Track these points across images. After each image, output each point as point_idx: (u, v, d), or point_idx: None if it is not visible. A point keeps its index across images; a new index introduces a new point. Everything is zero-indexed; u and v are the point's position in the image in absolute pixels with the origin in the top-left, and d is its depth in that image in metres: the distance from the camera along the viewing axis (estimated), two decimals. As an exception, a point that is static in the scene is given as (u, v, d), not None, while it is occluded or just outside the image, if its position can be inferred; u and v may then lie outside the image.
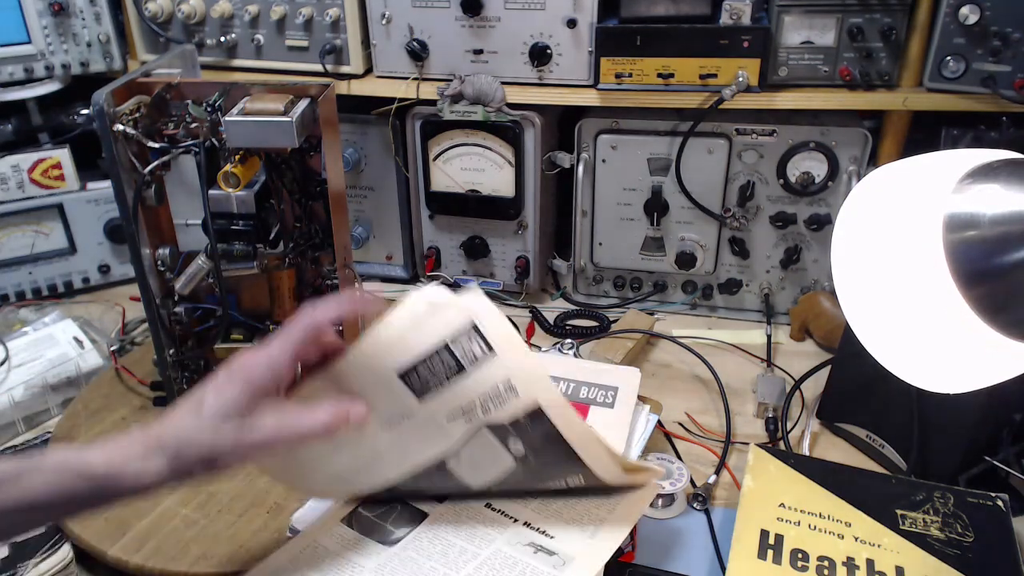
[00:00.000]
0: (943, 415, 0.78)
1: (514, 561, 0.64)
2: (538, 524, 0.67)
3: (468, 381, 0.59)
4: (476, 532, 0.67)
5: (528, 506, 0.68)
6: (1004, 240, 0.45)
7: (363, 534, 0.68)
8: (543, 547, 0.64)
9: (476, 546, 0.66)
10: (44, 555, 0.75)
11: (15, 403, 0.92)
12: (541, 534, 0.66)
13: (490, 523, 0.68)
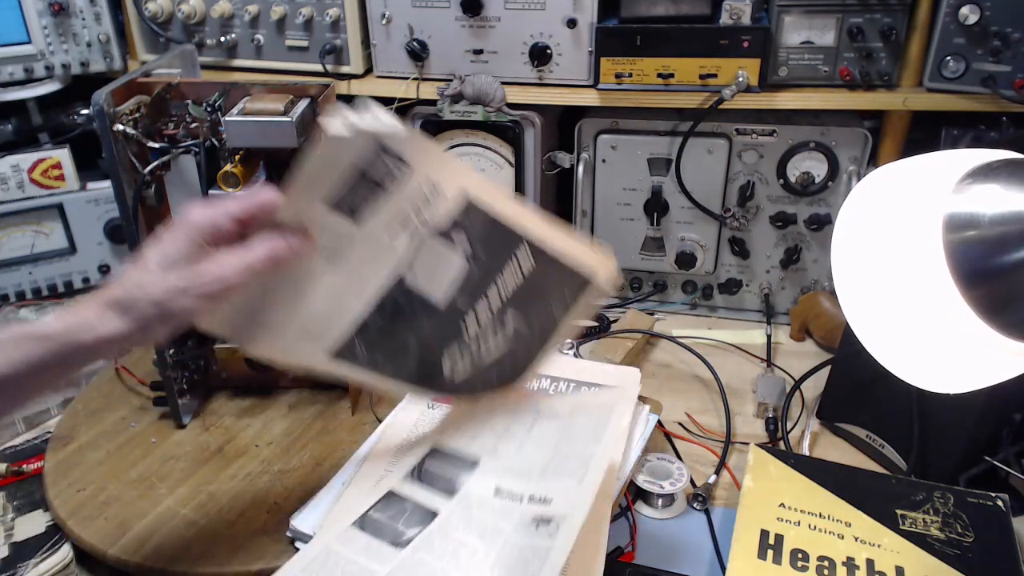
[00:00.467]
0: (943, 415, 0.78)
1: (520, 549, 0.63)
2: (539, 492, 0.66)
3: (394, 197, 0.60)
4: (487, 527, 0.66)
5: (531, 478, 0.67)
6: (1004, 240, 0.45)
7: (374, 536, 0.68)
8: (543, 518, 0.64)
9: (488, 543, 0.65)
10: (44, 555, 0.75)
11: (15, 403, 0.92)
12: (543, 504, 0.65)
13: (499, 513, 0.66)
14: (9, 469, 0.85)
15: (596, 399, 0.72)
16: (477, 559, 0.64)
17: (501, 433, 0.72)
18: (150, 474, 0.82)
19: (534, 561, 0.63)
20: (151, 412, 0.91)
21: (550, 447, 0.69)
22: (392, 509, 0.70)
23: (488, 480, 0.69)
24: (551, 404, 0.74)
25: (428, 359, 0.69)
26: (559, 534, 0.62)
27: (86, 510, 0.77)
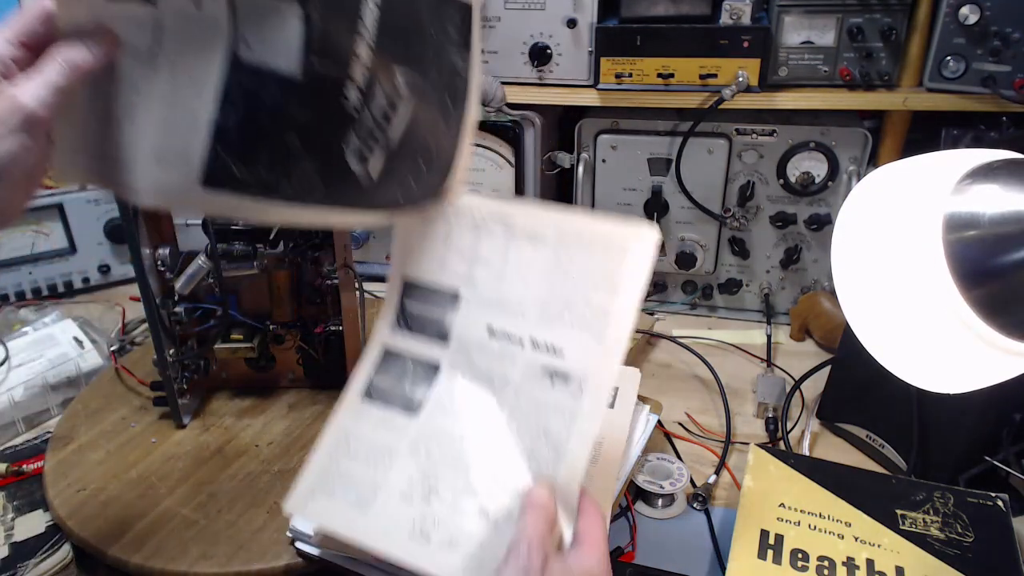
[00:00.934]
0: (943, 415, 0.78)
1: (536, 403, 0.61)
2: (544, 338, 0.61)
3: None
4: (493, 374, 0.63)
5: (528, 318, 0.63)
6: (1004, 240, 0.45)
7: (386, 405, 0.65)
8: (557, 371, 0.61)
9: (498, 393, 0.62)
10: (44, 555, 0.75)
11: (15, 403, 0.92)
12: (551, 353, 0.61)
13: (501, 358, 0.63)
14: (9, 469, 0.85)
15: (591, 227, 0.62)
16: (491, 413, 0.62)
17: (469, 256, 0.65)
18: (150, 474, 0.82)
19: (556, 421, 0.60)
20: (151, 412, 0.91)
21: (541, 282, 0.63)
22: (394, 370, 0.66)
23: (477, 318, 0.64)
24: (524, 220, 0.64)
25: (327, 160, 0.57)
26: (584, 397, 0.59)
27: (86, 510, 0.77)
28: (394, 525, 0.60)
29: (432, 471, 0.62)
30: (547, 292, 0.63)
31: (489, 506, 0.60)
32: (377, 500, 0.61)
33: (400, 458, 0.62)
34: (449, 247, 0.65)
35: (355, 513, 0.61)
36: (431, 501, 0.61)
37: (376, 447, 0.63)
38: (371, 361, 0.67)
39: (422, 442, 0.63)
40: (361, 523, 0.61)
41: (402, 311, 0.67)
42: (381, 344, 0.67)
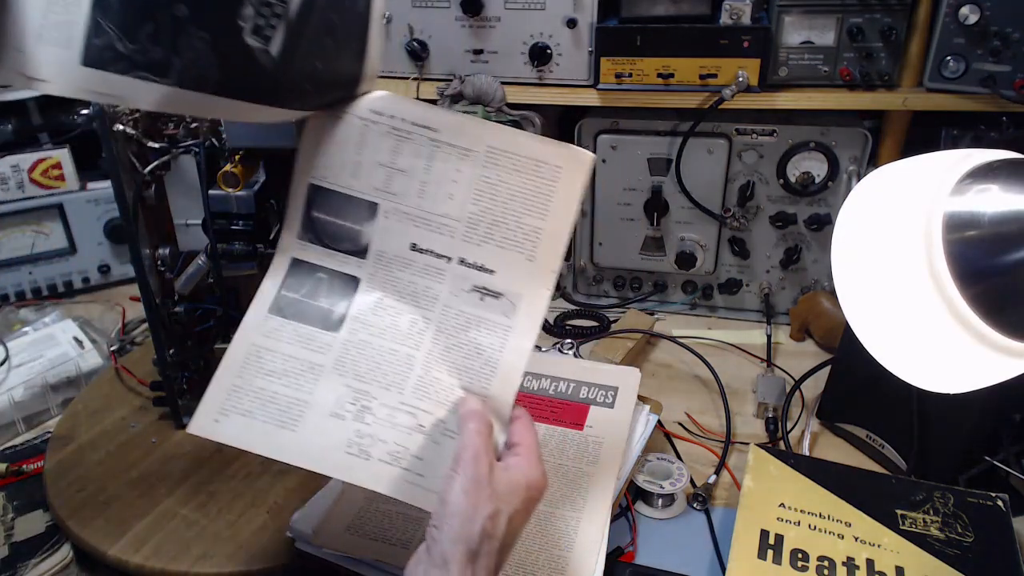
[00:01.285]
0: (943, 415, 0.78)
1: (467, 319, 0.61)
2: (474, 258, 0.61)
3: None
4: (417, 289, 0.62)
5: (455, 235, 0.62)
6: (1004, 240, 0.45)
7: (300, 321, 0.63)
8: (488, 290, 0.61)
9: (424, 309, 0.61)
10: (44, 555, 0.75)
11: (15, 403, 0.93)
12: (481, 271, 0.61)
13: (426, 273, 0.62)
14: (9, 469, 0.85)
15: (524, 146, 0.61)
16: (418, 327, 0.61)
17: (388, 165, 0.62)
18: (150, 474, 0.82)
19: (488, 337, 0.61)
20: (151, 412, 0.91)
21: (468, 199, 0.61)
22: (305, 283, 0.64)
23: (398, 232, 0.62)
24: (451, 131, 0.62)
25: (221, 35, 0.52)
26: (517, 315, 0.60)
27: (86, 510, 0.77)
28: (329, 443, 0.60)
29: (362, 388, 0.61)
30: (475, 210, 0.62)
31: (425, 421, 0.60)
32: (306, 419, 0.60)
33: (325, 376, 0.61)
34: (364, 153, 0.62)
35: (281, 432, 0.60)
36: (364, 418, 0.60)
37: (297, 365, 0.62)
38: (277, 274, 0.64)
39: (348, 359, 0.61)
40: (291, 442, 0.60)
41: (309, 220, 0.64)
42: (288, 256, 0.64)
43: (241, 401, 0.61)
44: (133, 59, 0.50)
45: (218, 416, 0.61)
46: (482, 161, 0.61)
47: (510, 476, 0.55)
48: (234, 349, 0.63)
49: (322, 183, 0.63)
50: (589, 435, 0.80)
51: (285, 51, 0.54)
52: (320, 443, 0.60)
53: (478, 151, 0.61)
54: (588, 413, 0.82)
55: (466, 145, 0.62)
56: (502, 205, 0.61)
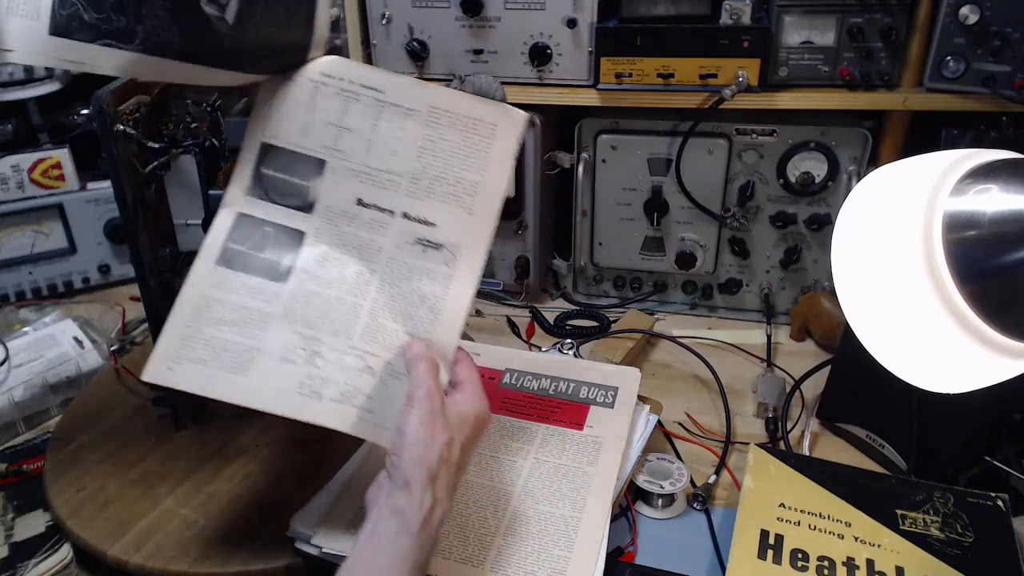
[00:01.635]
0: (943, 415, 0.78)
1: (410, 269, 0.66)
2: (416, 212, 0.66)
3: None
4: (362, 242, 0.66)
5: (398, 190, 0.66)
6: (1003, 240, 0.45)
7: (248, 272, 0.66)
8: (430, 241, 0.66)
9: (369, 261, 0.66)
10: (44, 555, 0.75)
11: (15, 403, 0.93)
12: (423, 224, 0.66)
13: (371, 227, 0.67)
14: (9, 469, 0.85)
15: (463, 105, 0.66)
16: (364, 277, 0.66)
17: (336, 124, 0.66)
18: (150, 474, 0.82)
19: (431, 285, 0.66)
20: (151, 412, 0.91)
21: (411, 155, 0.66)
22: (252, 236, 0.67)
23: (345, 188, 0.67)
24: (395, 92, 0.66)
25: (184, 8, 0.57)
26: (458, 264, 0.66)
27: (86, 510, 0.77)
28: (281, 386, 0.63)
29: (311, 335, 0.64)
30: (418, 166, 0.66)
31: (373, 363, 0.65)
32: (256, 364, 0.63)
33: (274, 324, 0.64)
34: (314, 113, 0.66)
35: (233, 377, 0.63)
36: (315, 363, 0.64)
37: (246, 314, 0.64)
38: (223, 228, 0.67)
39: (297, 309, 0.65)
40: (244, 386, 0.63)
41: (259, 177, 0.67)
42: (234, 211, 0.67)
43: (194, 350, 0.64)
44: (99, 28, 0.54)
45: (171, 364, 0.64)
46: (424, 120, 0.66)
47: (460, 409, 0.61)
48: (183, 299, 0.65)
49: (273, 141, 0.67)
50: (589, 435, 0.80)
51: (239, 18, 0.59)
52: (273, 386, 0.63)
53: (420, 111, 0.66)
54: (588, 413, 0.82)
55: (409, 105, 0.66)
56: (443, 161, 0.66)
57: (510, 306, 1.20)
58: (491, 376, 0.89)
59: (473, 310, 1.18)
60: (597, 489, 0.73)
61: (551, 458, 0.77)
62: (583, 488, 0.74)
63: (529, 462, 0.77)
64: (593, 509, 0.71)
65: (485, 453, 0.78)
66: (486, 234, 0.66)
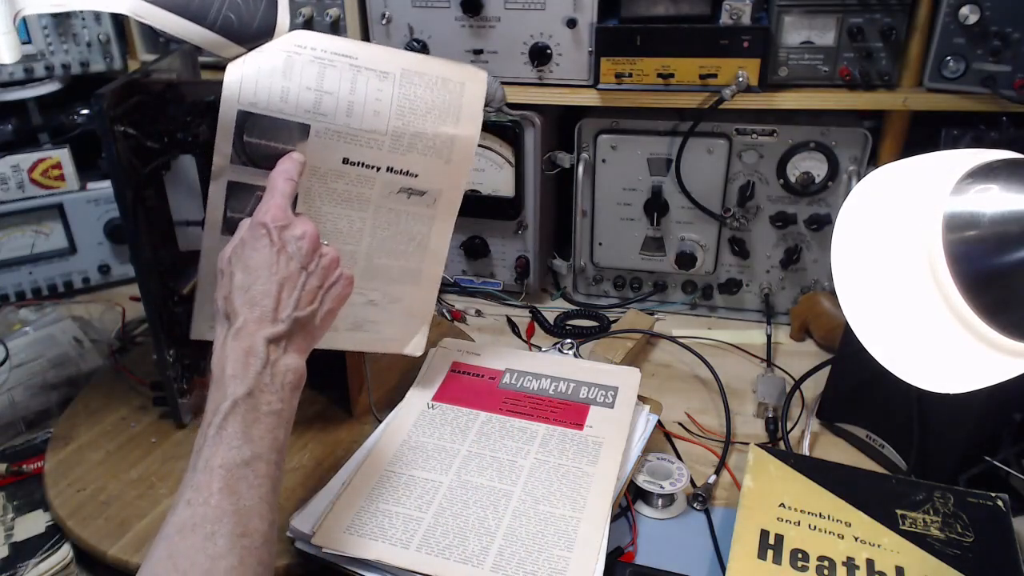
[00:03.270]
0: (943, 415, 0.78)
1: (397, 213, 0.76)
2: (400, 165, 0.73)
3: None
4: (351, 195, 0.73)
5: (382, 147, 0.72)
6: (1004, 240, 0.45)
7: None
8: (413, 189, 0.75)
9: (360, 211, 0.74)
10: (44, 555, 0.75)
11: (15, 403, 0.92)
12: (406, 176, 0.74)
13: (358, 181, 0.73)
14: (9, 469, 0.85)
15: (431, 67, 0.73)
16: (356, 226, 0.75)
17: (315, 89, 0.70)
18: (150, 474, 0.82)
19: (417, 225, 0.77)
20: (151, 412, 0.91)
21: (391, 114, 0.71)
22: (247, 202, 0.72)
23: (332, 149, 0.71)
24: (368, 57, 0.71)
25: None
26: (438, 205, 0.77)
27: (86, 510, 0.77)
28: None
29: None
30: (398, 124, 0.72)
31: (375, 296, 0.78)
32: None
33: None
34: (291, 80, 0.69)
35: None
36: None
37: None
38: (219, 199, 0.72)
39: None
40: None
41: (241, 145, 0.70)
42: (224, 180, 0.72)
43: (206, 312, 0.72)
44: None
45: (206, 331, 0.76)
46: (399, 81, 0.71)
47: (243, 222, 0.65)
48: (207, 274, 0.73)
49: (252, 109, 0.69)
50: (589, 435, 0.80)
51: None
52: None
53: (394, 73, 0.72)
54: (588, 413, 0.82)
55: (384, 68, 0.71)
56: (421, 118, 0.72)
57: (510, 306, 1.20)
58: (491, 376, 0.89)
59: (473, 309, 1.18)
60: (597, 489, 0.73)
61: (551, 458, 0.77)
62: (583, 488, 0.74)
63: (529, 462, 0.77)
64: (593, 509, 0.71)
65: (485, 453, 0.78)
66: (463, 178, 0.76)
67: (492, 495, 0.73)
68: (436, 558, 0.67)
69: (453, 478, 0.75)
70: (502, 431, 0.81)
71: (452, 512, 0.72)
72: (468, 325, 1.16)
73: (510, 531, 0.70)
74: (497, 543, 0.69)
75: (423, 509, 0.72)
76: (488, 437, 0.80)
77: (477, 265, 1.20)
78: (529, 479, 0.75)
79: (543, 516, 0.71)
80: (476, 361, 0.91)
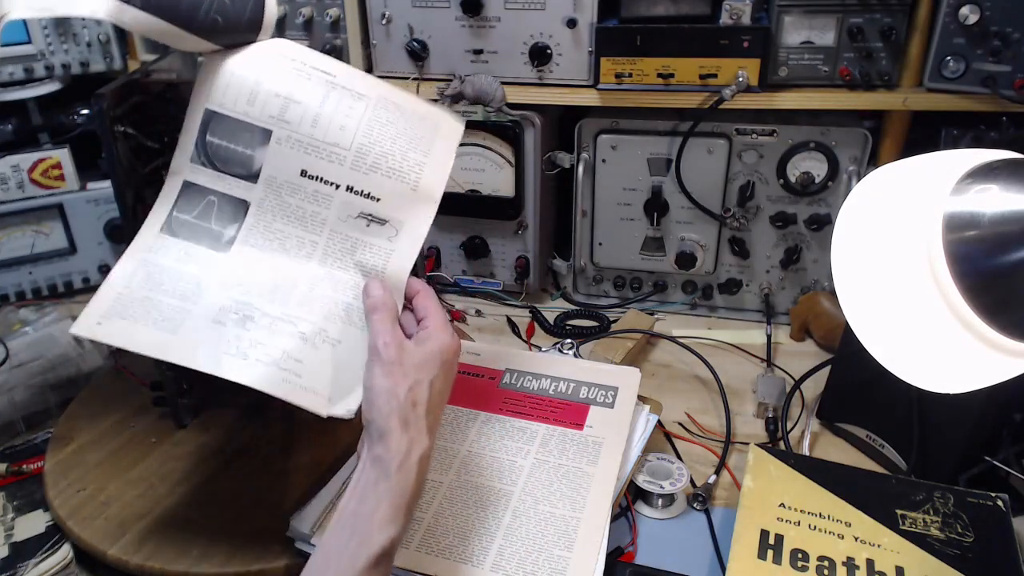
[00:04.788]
0: (943, 415, 0.78)
1: (353, 243, 0.68)
2: (360, 186, 0.67)
3: None
4: (305, 214, 0.68)
5: (344, 163, 0.67)
6: (1004, 240, 0.45)
7: (191, 240, 0.68)
8: (374, 216, 0.68)
9: (312, 232, 0.68)
10: (44, 555, 0.75)
11: (15, 403, 0.92)
12: (367, 199, 0.67)
13: (314, 199, 0.68)
14: (9, 469, 0.85)
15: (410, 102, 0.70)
16: (305, 249, 0.68)
17: (284, 96, 0.67)
18: (150, 474, 0.82)
19: (373, 258, 0.68)
20: (151, 412, 0.91)
21: (358, 131, 0.67)
22: (196, 205, 0.68)
23: (289, 158, 0.67)
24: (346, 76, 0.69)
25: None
26: (400, 239, 0.68)
27: (86, 510, 0.77)
28: (208, 344, 0.63)
29: (247, 301, 0.66)
30: (365, 141, 0.67)
31: (306, 329, 0.66)
32: (187, 324, 0.64)
33: (211, 290, 0.66)
34: (262, 85, 0.67)
35: (160, 335, 0.64)
36: (246, 326, 0.65)
37: (182, 279, 0.66)
38: (170, 196, 0.69)
39: (234, 275, 0.66)
40: (169, 343, 0.63)
41: (203, 144, 0.68)
42: (180, 178, 0.69)
43: (126, 308, 0.64)
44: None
45: (101, 319, 0.64)
46: (373, 104, 0.68)
47: (424, 349, 0.62)
48: (123, 264, 0.67)
49: (219, 109, 0.68)
50: (589, 435, 0.80)
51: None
52: (199, 343, 0.64)
53: (370, 96, 0.69)
54: (588, 413, 0.82)
55: (360, 91, 0.69)
56: (390, 141, 0.68)
57: (510, 306, 1.20)
58: (491, 376, 0.89)
59: (473, 309, 1.18)
60: (597, 489, 0.73)
61: (551, 458, 0.77)
62: (583, 488, 0.74)
63: (529, 462, 0.77)
64: (593, 509, 0.71)
65: (485, 453, 0.78)
66: (429, 211, 0.68)
67: (492, 495, 0.73)
68: (436, 558, 0.67)
69: (453, 478, 0.75)
70: (502, 431, 0.81)
71: (452, 512, 0.72)
72: (468, 325, 1.16)
73: (510, 531, 0.70)
74: (497, 543, 0.69)
75: (423, 509, 0.72)
76: (488, 437, 0.80)
77: (477, 265, 1.20)
78: (529, 479, 0.75)
79: (543, 516, 0.71)
80: (476, 361, 0.91)
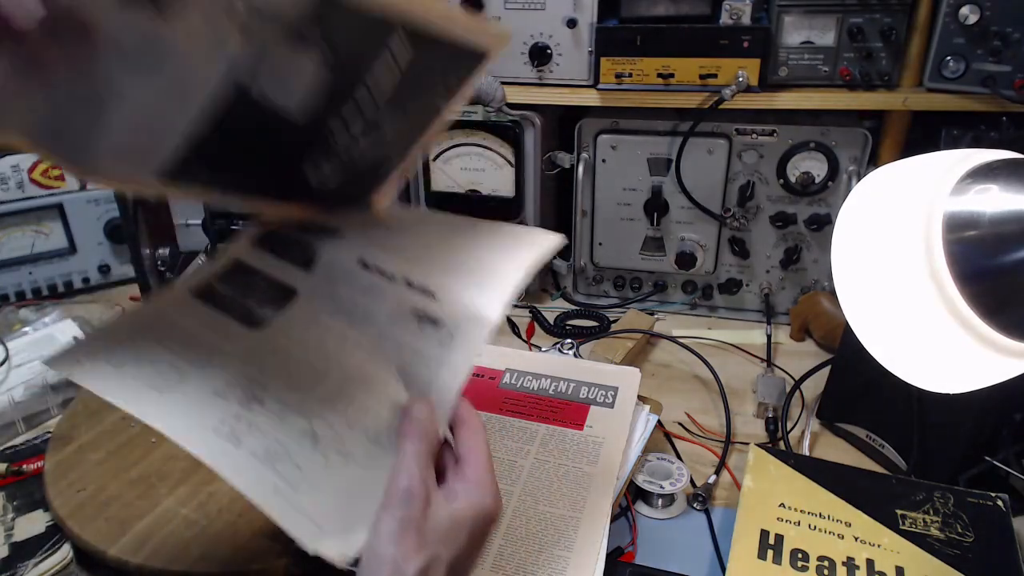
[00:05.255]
0: (943, 415, 0.78)
1: (399, 347, 0.56)
2: (420, 279, 0.57)
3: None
4: (356, 307, 0.58)
5: (406, 254, 0.58)
6: (1004, 240, 0.45)
7: (219, 310, 0.59)
8: (427, 316, 0.55)
9: (358, 331, 0.57)
10: (44, 555, 0.75)
11: (15, 403, 0.92)
12: (424, 295, 0.56)
13: (367, 292, 0.58)
14: (9, 469, 0.85)
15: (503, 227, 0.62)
16: (347, 347, 0.57)
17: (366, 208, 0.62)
18: (150, 474, 0.82)
19: (420, 367, 0.56)
20: (151, 412, 0.90)
21: (433, 232, 0.62)
22: (240, 283, 0.60)
23: (351, 248, 0.59)
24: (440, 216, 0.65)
25: (290, 171, 0.57)
26: (453, 347, 0.54)
27: (86, 510, 0.77)
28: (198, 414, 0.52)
29: (260, 380, 0.55)
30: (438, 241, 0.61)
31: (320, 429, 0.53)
32: (181, 387, 0.54)
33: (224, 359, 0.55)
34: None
35: (146, 391, 0.54)
36: (251, 406, 0.53)
37: (195, 342, 0.56)
38: (217, 267, 0.62)
39: (256, 355, 0.56)
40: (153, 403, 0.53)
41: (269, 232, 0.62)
42: (235, 257, 0.62)
43: (115, 354, 0.55)
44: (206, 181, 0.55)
45: (83, 358, 0.55)
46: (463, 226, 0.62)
47: (453, 510, 0.47)
48: (138, 311, 0.61)
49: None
50: (589, 435, 0.80)
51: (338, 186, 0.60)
52: (187, 411, 0.52)
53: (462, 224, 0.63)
54: (588, 413, 0.82)
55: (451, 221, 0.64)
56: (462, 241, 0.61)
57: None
58: (491, 376, 0.89)
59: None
60: (597, 489, 0.73)
61: (551, 458, 0.77)
62: (583, 488, 0.74)
63: (529, 462, 0.77)
64: (593, 509, 0.71)
65: (485, 453, 0.78)
66: (493, 316, 0.54)
67: (492, 495, 0.73)
68: (436, 558, 0.67)
69: (453, 478, 0.75)
70: (502, 431, 0.81)
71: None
72: (468, 325, 1.16)
73: (510, 531, 0.70)
74: (497, 543, 0.69)
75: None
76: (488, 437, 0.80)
77: (477, 265, 1.20)
78: (529, 479, 0.75)
79: (543, 516, 0.71)
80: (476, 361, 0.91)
